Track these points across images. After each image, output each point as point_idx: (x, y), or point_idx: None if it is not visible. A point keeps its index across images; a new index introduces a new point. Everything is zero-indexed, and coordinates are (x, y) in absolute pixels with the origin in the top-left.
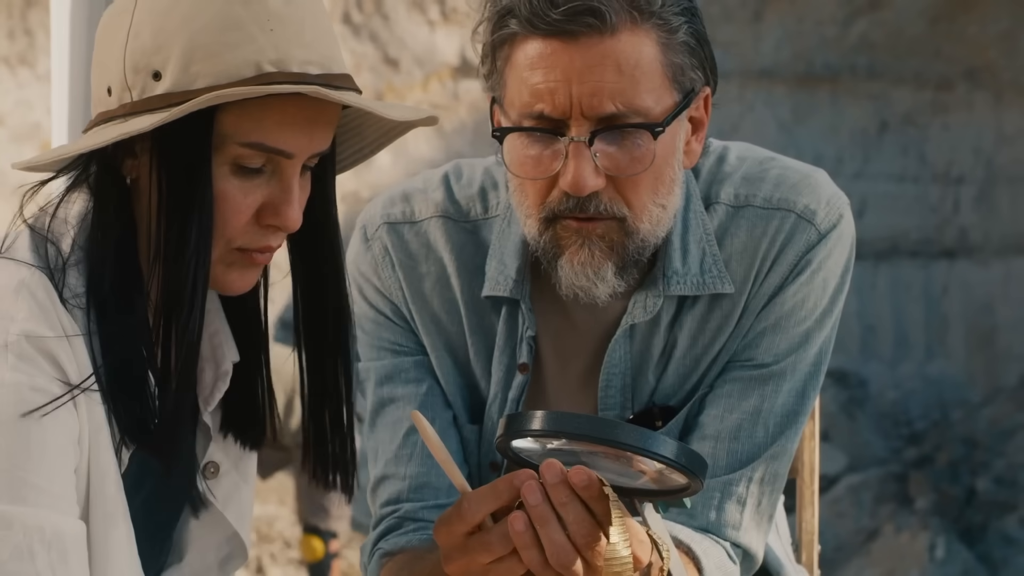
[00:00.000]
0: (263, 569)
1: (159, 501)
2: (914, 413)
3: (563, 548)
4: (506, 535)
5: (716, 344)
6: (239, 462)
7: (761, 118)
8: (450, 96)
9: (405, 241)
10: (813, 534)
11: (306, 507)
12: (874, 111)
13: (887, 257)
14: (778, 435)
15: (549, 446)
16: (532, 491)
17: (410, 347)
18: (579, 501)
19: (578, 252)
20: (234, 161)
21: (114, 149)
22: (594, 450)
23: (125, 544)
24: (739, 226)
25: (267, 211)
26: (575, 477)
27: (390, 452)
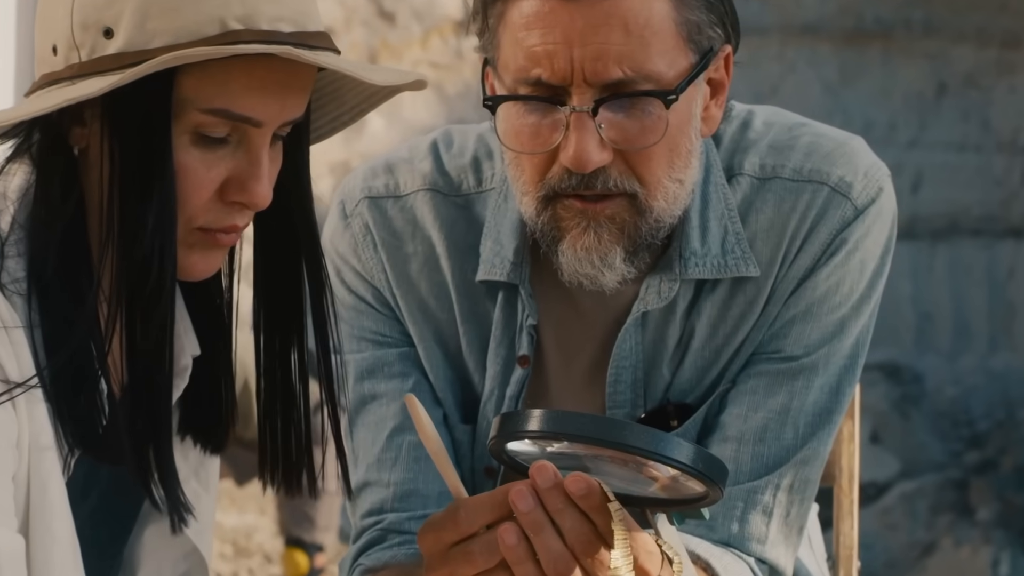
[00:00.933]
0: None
1: (109, 512)
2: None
3: (561, 556)
4: (491, 546)
5: (739, 334)
6: (199, 468)
7: (804, 80)
8: (453, 54)
9: (388, 218)
10: (852, 549)
11: (288, 517)
12: (931, 72)
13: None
14: (809, 436)
15: (549, 449)
16: (523, 497)
17: (394, 337)
18: (576, 507)
19: (582, 236)
20: (195, 130)
21: (60, 116)
22: (599, 454)
23: (70, 561)
24: (765, 200)
25: (232, 186)
26: (572, 485)
27: (372, 456)
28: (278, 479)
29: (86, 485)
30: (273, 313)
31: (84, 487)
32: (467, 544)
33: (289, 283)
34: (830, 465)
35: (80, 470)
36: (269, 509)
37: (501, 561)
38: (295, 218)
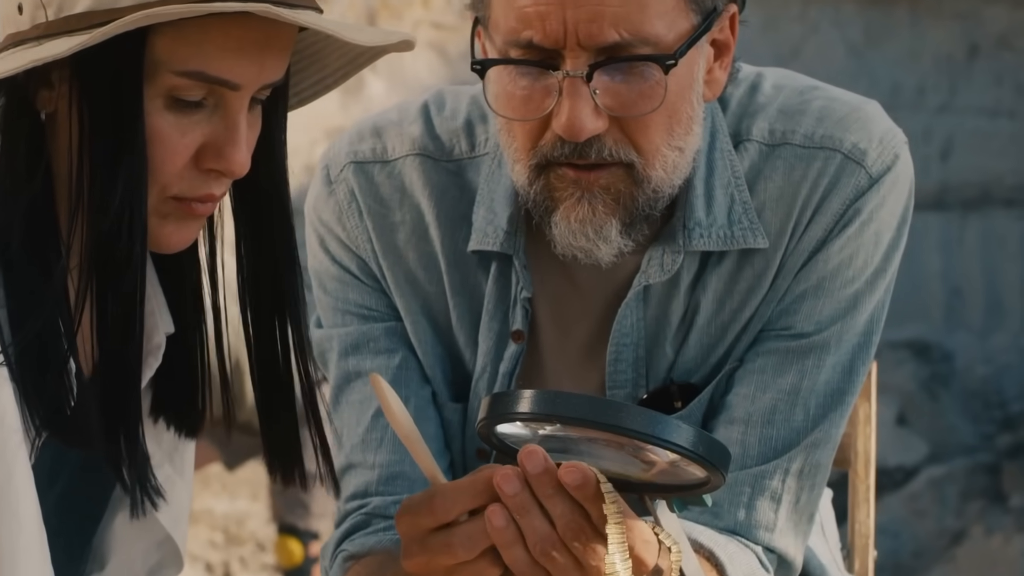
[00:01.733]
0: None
1: (77, 499)
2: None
3: (548, 538)
4: (472, 538)
5: (747, 309)
6: (173, 454)
7: (827, 41)
8: (456, 14)
9: (375, 184)
10: (868, 538)
11: (282, 503)
12: (962, 33)
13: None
14: (821, 419)
15: (541, 432)
16: (509, 480)
17: (380, 311)
18: (567, 493)
19: (575, 207)
20: (169, 93)
21: (26, 78)
22: (595, 437)
23: (36, 549)
24: (775, 168)
25: (209, 153)
26: (567, 476)
27: (356, 437)
28: (277, 468)
29: (53, 470)
30: (254, 288)
31: (51, 472)
32: (447, 535)
33: (266, 256)
34: (845, 449)
35: (47, 454)
36: (262, 495)
37: (482, 552)
38: (266, 188)
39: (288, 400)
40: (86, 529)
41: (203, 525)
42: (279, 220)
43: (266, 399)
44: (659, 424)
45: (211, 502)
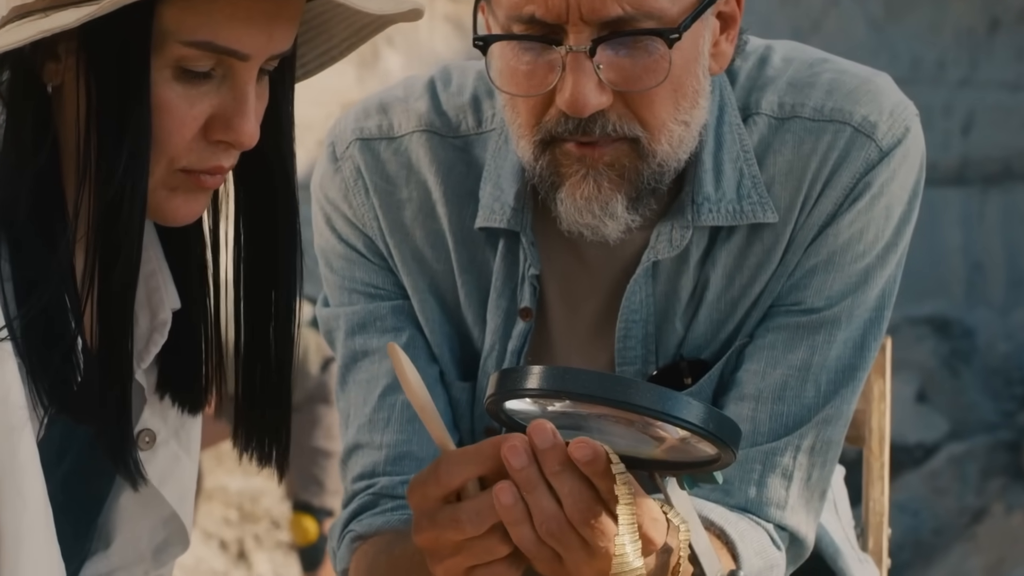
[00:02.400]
0: (246, 554)
1: (84, 476)
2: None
3: (555, 517)
4: (480, 514)
5: (756, 284)
6: (179, 430)
7: (848, 14)
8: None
9: (381, 161)
10: (882, 516)
11: (296, 481)
12: (983, 6)
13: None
14: (832, 395)
15: (550, 408)
16: (516, 453)
17: (387, 289)
18: (576, 471)
19: (581, 184)
20: (177, 64)
21: (32, 51)
22: (604, 413)
23: (41, 527)
24: (784, 142)
25: (217, 124)
26: (577, 451)
27: (363, 416)
28: (252, 447)
29: (61, 447)
30: (251, 260)
31: (59, 449)
32: (455, 510)
33: (267, 229)
34: (859, 426)
35: (55, 431)
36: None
37: (491, 529)
38: (271, 160)
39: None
40: (93, 506)
41: (217, 502)
42: (283, 192)
43: (250, 374)
44: (669, 400)
45: (225, 479)
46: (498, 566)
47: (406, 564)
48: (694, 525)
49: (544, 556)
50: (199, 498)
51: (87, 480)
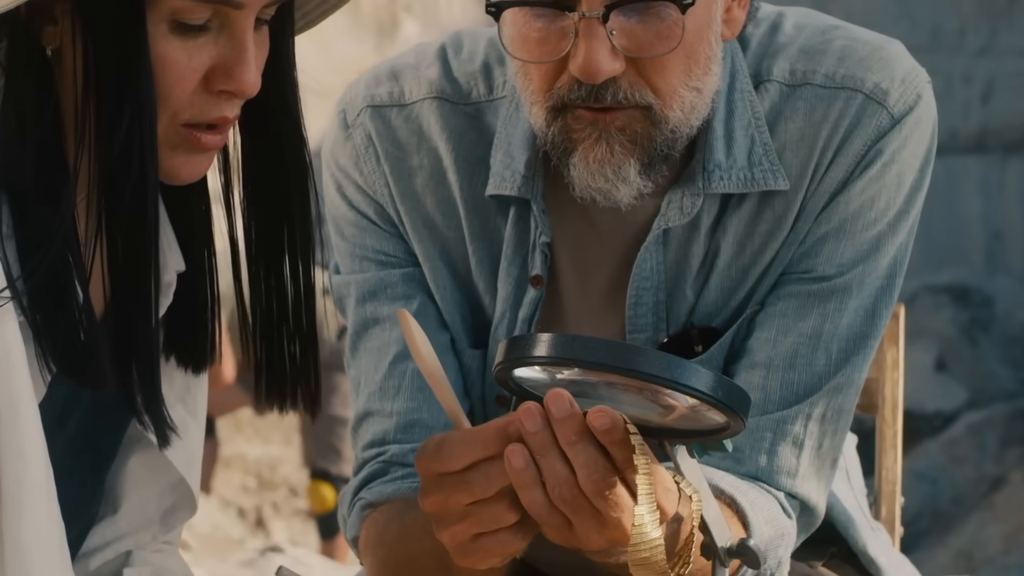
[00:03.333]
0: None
1: (89, 440)
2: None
3: (567, 482)
4: (489, 477)
5: (767, 252)
6: (185, 395)
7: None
8: None
9: (392, 128)
10: (895, 484)
11: (314, 448)
12: None
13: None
14: (843, 363)
15: (559, 376)
16: (531, 416)
17: (398, 256)
18: (591, 441)
19: (593, 148)
20: (172, 17)
21: (28, 14)
22: (613, 381)
23: (42, 489)
24: (795, 109)
25: (218, 74)
26: (596, 420)
27: (374, 384)
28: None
29: (64, 411)
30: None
31: (62, 413)
32: (465, 472)
33: (275, 190)
34: (872, 395)
35: (59, 394)
36: (295, 440)
37: (498, 495)
38: (277, 117)
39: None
40: (98, 470)
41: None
42: (291, 140)
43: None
44: (678, 368)
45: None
46: (505, 534)
47: (417, 532)
48: (704, 494)
49: (554, 522)
50: (217, 466)
51: (92, 444)
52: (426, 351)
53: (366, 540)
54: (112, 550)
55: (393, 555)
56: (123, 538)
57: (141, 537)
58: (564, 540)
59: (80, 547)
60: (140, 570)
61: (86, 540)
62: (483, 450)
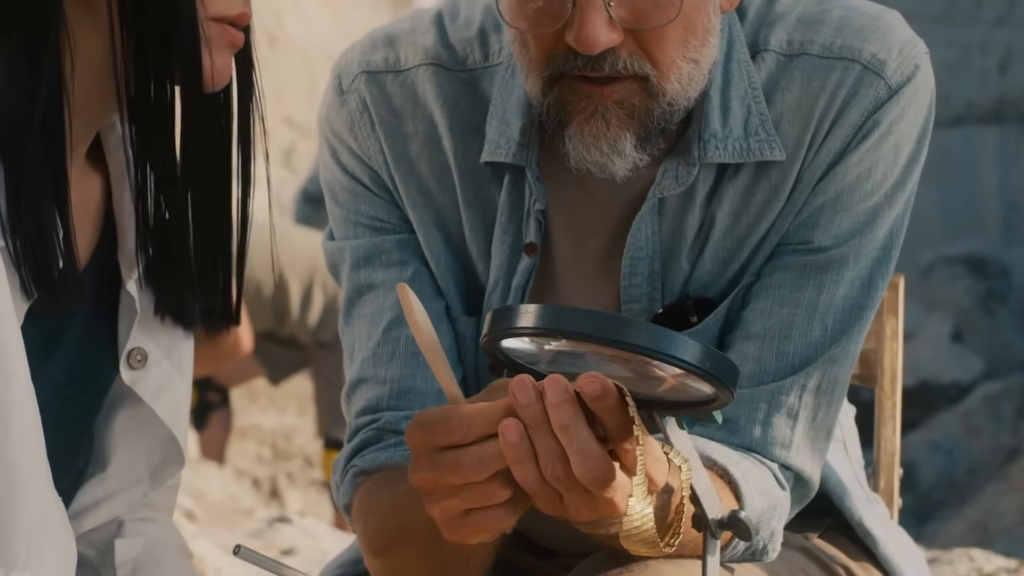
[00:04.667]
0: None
1: (72, 388)
2: None
3: (560, 458)
4: (483, 460)
5: (763, 222)
6: (171, 350)
7: None
8: None
9: (388, 94)
10: (894, 455)
11: (328, 417)
12: None
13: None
14: (839, 334)
15: (547, 347)
16: (523, 388)
17: (392, 223)
18: (585, 425)
19: (589, 121)
20: None
21: None
22: (600, 352)
23: (27, 404)
24: (792, 79)
25: None
26: (586, 386)
27: (367, 350)
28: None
29: (45, 349)
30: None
31: (42, 351)
32: (458, 454)
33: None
34: (871, 366)
35: (37, 336)
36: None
37: (490, 476)
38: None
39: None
40: (82, 420)
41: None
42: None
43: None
44: (665, 339)
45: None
46: (496, 510)
47: (409, 501)
48: (694, 465)
49: (546, 495)
50: (232, 436)
51: (76, 393)
52: (424, 326)
53: (358, 508)
54: (105, 510)
55: (385, 524)
56: (114, 496)
57: (132, 494)
58: (555, 512)
59: (70, 502)
60: (132, 542)
61: (76, 497)
62: (493, 425)
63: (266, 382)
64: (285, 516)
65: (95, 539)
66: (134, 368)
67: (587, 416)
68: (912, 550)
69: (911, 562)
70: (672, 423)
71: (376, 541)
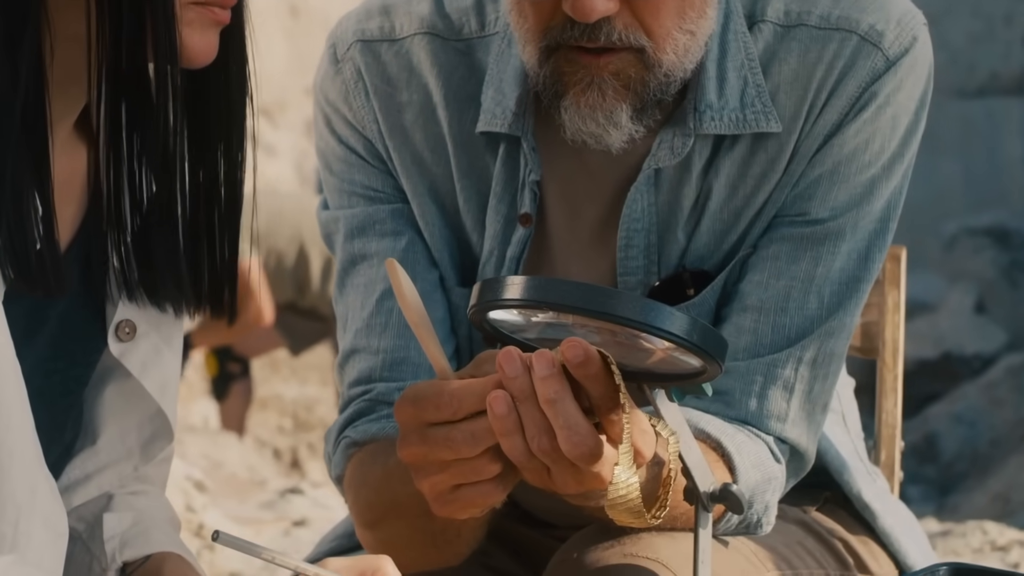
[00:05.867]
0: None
1: (58, 362)
2: None
3: (547, 430)
4: (475, 436)
5: (760, 194)
6: (160, 324)
7: None
8: None
9: (383, 63)
10: (895, 428)
11: None
12: None
13: None
14: (835, 307)
15: (534, 319)
16: (511, 361)
17: (387, 192)
18: (572, 399)
19: (585, 92)
20: None
21: None
22: (588, 324)
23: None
24: (789, 50)
25: None
26: (569, 352)
27: (360, 321)
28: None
29: (30, 329)
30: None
31: (27, 330)
32: (449, 430)
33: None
34: (873, 338)
35: (22, 311)
36: (330, 380)
37: (481, 452)
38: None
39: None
40: (68, 394)
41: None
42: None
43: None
44: (652, 312)
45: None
46: (486, 485)
47: (399, 474)
48: (685, 437)
49: (534, 467)
50: (252, 407)
51: (62, 366)
52: (413, 301)
53: (350, 480)
54: (95, 485)
55: (377, 496)
56: (104, 470)
57: (122, 468)
58: (543, 484)
59: (59, 475)
60: (121, 515)
61: (66, 471)
62: (478, 403)
63: (287, 353)
64: (298, 487)
65: (84, 513)
66: (122, 340)
67: (574, 389)
68: (912, 524)
69: (910, 535)
70: (662, 395)
71: (368, 513)
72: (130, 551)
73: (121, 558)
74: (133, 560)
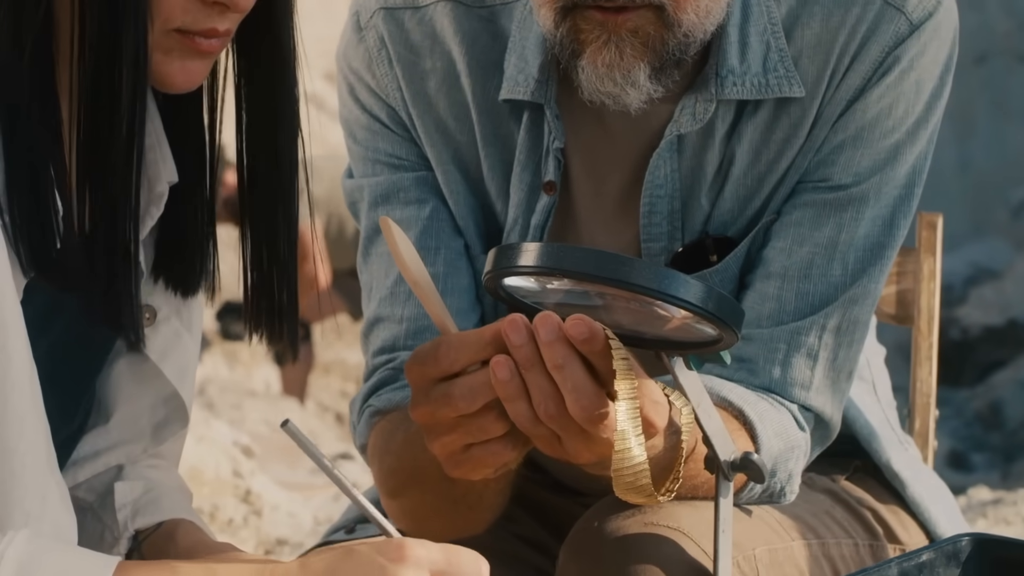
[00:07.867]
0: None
1: (72, 348)
2: None
3: (553, 397)
4: (472, 390)
5: (783, 160)
6: (181, 308)
7: None
8: None
9: (406, 31)
10: (930, 396)
11: None
12: None
13: None
14: (860, 273)
15: (549, 286)
16: (516, 328)
17: (411, 160)
18: (579, 363)
19: (602, 50)
20: None
21: None
22: (604, 291)
23: (26, 383)
24: (812, 14)
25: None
26: (573, 329)
27: (384, 289)
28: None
29: (47, 317)
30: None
31: (44, 318)
32: (448, 386)
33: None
34: (908, 306)
35: (39, 300)
36: None
37: (486, 407)
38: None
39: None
40: (81, 380)
41: (335, 376)
42: (279, 64)
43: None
44: (666, 279)
45: (344, 352)
46: (495, 444)
47: (421, 440)
48: (705, 405)
49: (542, 434)
50: (313, 372)
51: (75, 352)
52: (411, 260)
53: (373, 448)
54: (103, 462)
55: (400, 463)
56: (114, 448)
57: (132, 449)
58: (554, 452)
59: (69, 454)
60: (132, 484)
61: (76, 448)
62: (480, 352)
63: (349, 318)
64: (349, 453)
65: (95, 484)
66: (143, 326)
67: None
68: (943, 493)
69: (941, 505)
70: (680, 363)
71: (391, 481)
72: (142, 519)
73: (133, 526)
74: (145, 528)
